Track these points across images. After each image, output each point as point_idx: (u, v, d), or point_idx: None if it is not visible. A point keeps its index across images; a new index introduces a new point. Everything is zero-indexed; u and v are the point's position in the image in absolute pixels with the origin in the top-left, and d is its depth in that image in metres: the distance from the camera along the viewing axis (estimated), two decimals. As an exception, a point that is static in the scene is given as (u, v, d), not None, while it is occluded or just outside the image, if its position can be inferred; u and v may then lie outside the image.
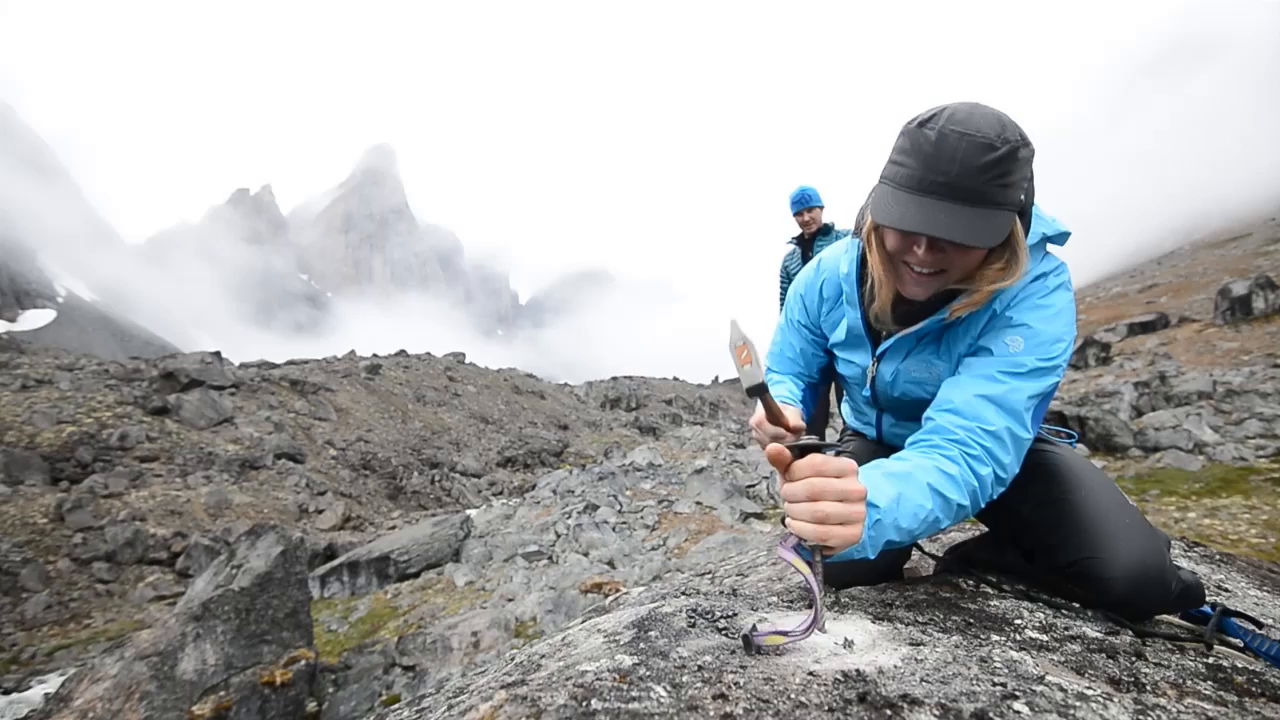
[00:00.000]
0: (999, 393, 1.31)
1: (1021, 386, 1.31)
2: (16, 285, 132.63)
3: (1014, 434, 1.30)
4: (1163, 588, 1.30)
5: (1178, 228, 61.12)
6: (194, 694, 4.86)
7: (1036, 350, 1.33)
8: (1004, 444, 1.29)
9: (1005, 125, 1.19)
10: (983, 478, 1.27)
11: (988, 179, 1.18)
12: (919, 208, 1.23)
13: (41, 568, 12.48)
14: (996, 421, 1.29)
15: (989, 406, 1.30)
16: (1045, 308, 1.37)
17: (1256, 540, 5.44)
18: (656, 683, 0.89)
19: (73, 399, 19.16)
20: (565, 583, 7.69)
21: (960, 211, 1.21)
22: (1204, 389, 11.99)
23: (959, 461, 1.26)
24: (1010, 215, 1.23)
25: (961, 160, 1.18)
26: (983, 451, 1.27)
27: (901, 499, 1.17)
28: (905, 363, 1.55)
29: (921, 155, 1.22)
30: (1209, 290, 24.34)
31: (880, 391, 1.66)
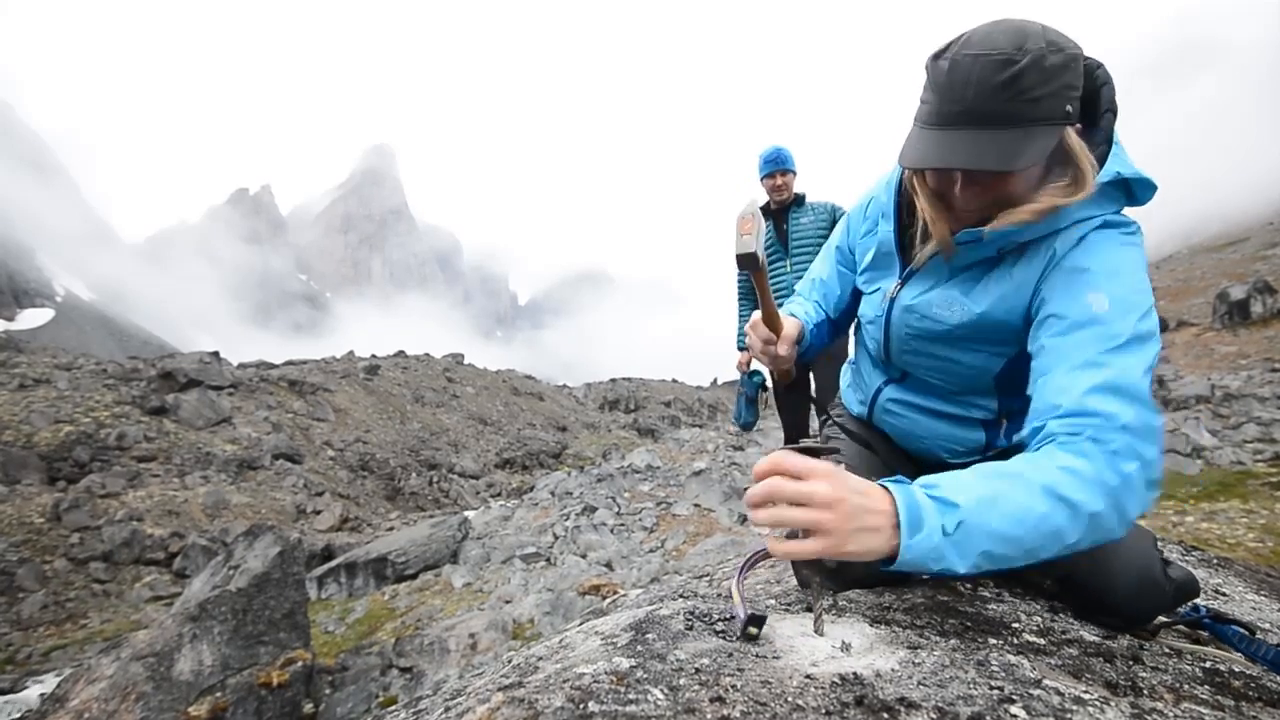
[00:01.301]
0: (1111, 378, 1.06)
1: (1131, 364, 1.07)
2: (15, 284, 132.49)
3: (1148, 424, 1.05)
4: (1158, 589, 1.28)
5: (1175, 231, 61.23)
6: (190, 695, 4.85)
7: (1128, 310, 1.11)
8: (1144, 438, 1.03)
9: (1028, 35, 1.07)
10: (1128, 476, 1.01)
11: (1009, 96, 1.07)
12: (938, 142, 1.14)
13: (38, 568, 12.46)
14: (1125, 413, 1.03)
15: (1108, 398, 1.05)
16: (1123, 257, 1.16)
17: (1254, 544, 5.44)
18: (654, 685, 0.89)
19: (70, 398, 19.14)
20: (563, 585, 7.68)
21: (984, 136, 1.10)
22: (1202, 393, 12.01)
23: (1092, 456, 1.01)
24: (1051, 130, 1.10)
25: (976, 83, 1.08)
26: (1124, 446, 1.02)
27: (1000, 498, 0.97)
28: (932, 293, 1.37)
29: (938, 87, 1.14)
30: (1207, 294, 24.39)
31: (893, 325, 1.46)
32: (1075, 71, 1.11)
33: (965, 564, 0.95)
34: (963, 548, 0.95)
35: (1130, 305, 1.12)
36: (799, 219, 4.10)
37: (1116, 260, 1.15)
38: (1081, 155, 1.15)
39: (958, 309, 1.32)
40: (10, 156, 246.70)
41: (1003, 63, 1.06)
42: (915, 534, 0.93)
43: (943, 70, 1.13)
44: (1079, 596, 1.35)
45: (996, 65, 1.07)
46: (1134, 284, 1.14)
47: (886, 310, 1.47)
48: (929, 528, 0.94)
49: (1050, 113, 1.09)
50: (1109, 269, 1.15)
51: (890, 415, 1.61)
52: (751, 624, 1.08)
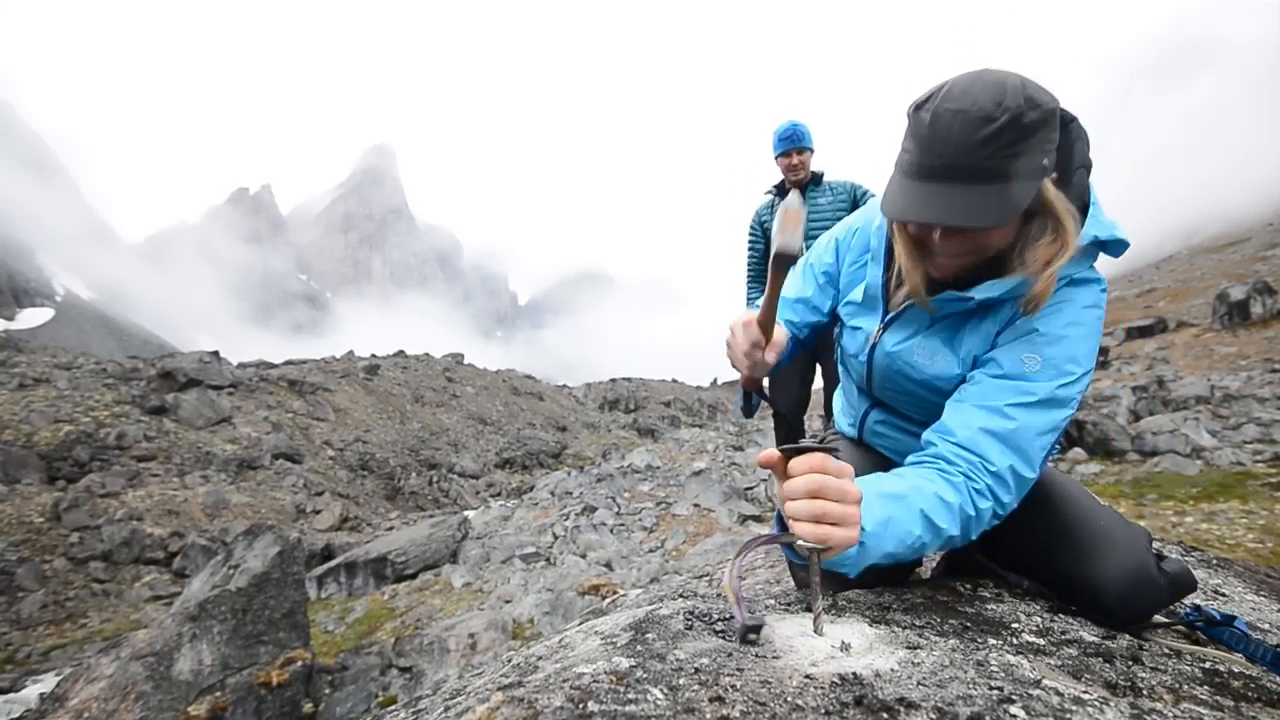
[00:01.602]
0: (1006, 429, 1.21)
1: (1030, 423, 1.21)
2: (15, 284, 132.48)
3: (1017, 473, 1.22)
4: (1153, 587, 1.29)
5: (1176, 232, 61.27)
6: (190, 694, 4.85)
7: (1053, 376, 1.23)
8: (1006, 484, 1.22)
9: (1007, 91, 1.10)
10: (981, 511, 1.20)
11: (989, 154, 1.10)
12: (920, 195, 1.17)
13: (38, 567, 12.46)
14: (1000, 461, 1.21)
15: (994, 444, 1.21)
16: (1077, 324, 1.25)
17: (1254, 545, 5.44)
18: (653, 685, 0.89)
19: (70, 398, 19.14)
20: (563, 585, 7.68)
21: (964, 192, 1.14)
22: (1202, 393, 12.00)
23: (961, 490, 1.19)
24: (1026, 184, 1.14)
25: (956, 140, 1.11)
26: (985, 487, 1.21)
27: (891, 522, 1.12)
28: (913, 340, 1.43)
29: (919, 139, 1.17)
30: (1207, 295, 24.40)
31: (875, 366, 1.54)
32: (1052, 125, 1.15)
33: (855, 572, 1.12)
34: (860, 560, 1.10)
35: (1058, 370, 1.23)
36: (816, 199, 3.83)
37: (1066, 327, 1.25)
38: (1061, 209, 1.20)
39: (939, 359, 1.39)
40: (10, 156, 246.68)
41: (982, 120, 1.10)
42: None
43: (924, 123, 1.15)
44: (1073, 597, 1.36)
45: (976, 122, 1.10)
46: (1072, 352, 1.24)
47: (869, 354, 1.54)
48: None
49: (1027, 168, 1.13)
50: (1055, 335, 1.25)
51: (879, 437, 1.70)
52: (750, 632, 1.09)
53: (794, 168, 3.83)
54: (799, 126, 3.83)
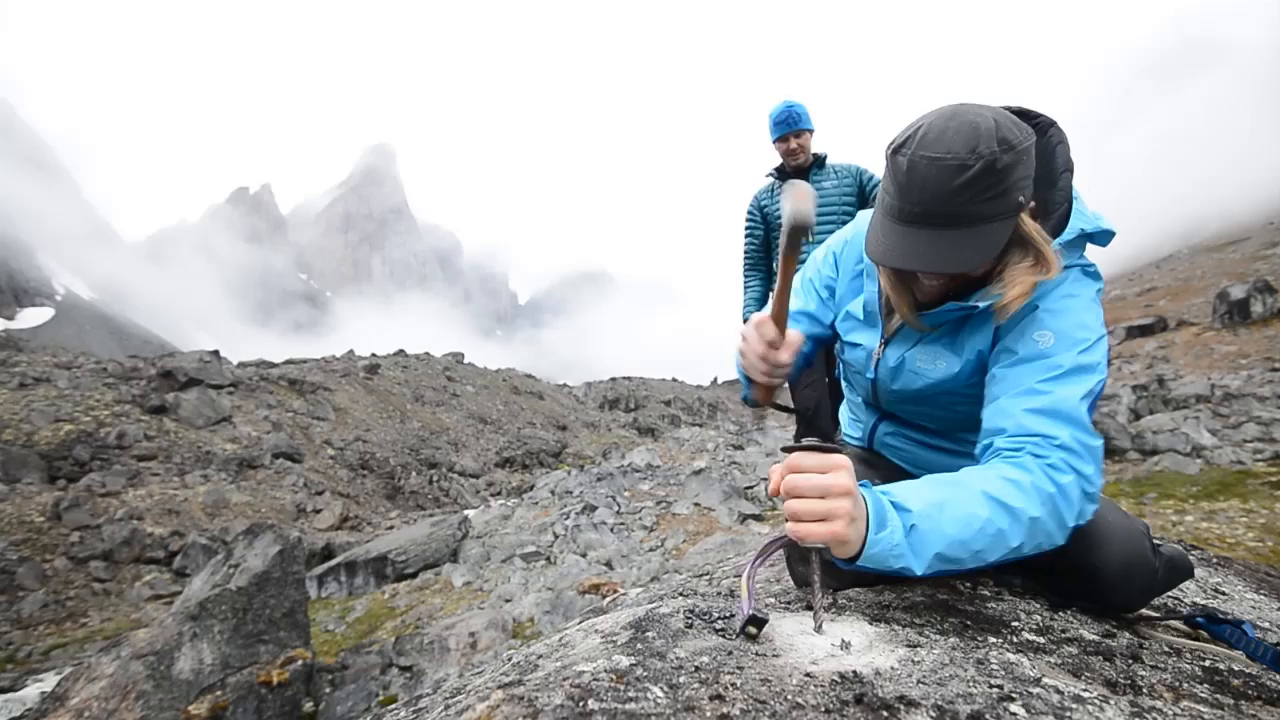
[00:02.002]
0: (1049, 404, 1.18)
1: (1069, 391, 1.18)
2: (15, 283, 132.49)
3: (1085, 443, 1.16)
4: (1149, 570, 1.30)
5: (1176, 231, 61.24)
6: (190, 693, 4.85)
7: (1070, 345, 1.22)
8: (1079, 454, 1.15)
9: (981, 136, 1.12)
10: (1064, 486, 1.11)
11: (965, 200, 1.14)
12: (901, 239, 1.21)
13: (38, 566, 12.46)
14: (1060, 433, 1.15)
15: (1045, 420, 1.17)
16: (1073, 296, 1.26)
17: (1254, 544, 5.45)
18: (653, 683, 0.89)
19: (70, 397, 19.13)
20: (563, 584, 7.68)
21: (943, 237, 1.17)
22: (1202, 392, 12.00)
23: (1030, 468, 1.13)
24: (1003, 224, 1.18)
25: (933, 188, 1.14)
26: (1060, 460, 1.13)
27: (947, 504, 1.07)
28: (914, 350, 1.45)
29: (898, 185, 1.20)
30: (1207, 294, 24.39)
31: (881, 380, 1.54)
32: (1026, 163, 1.18)
33: (921, 564, 1.06)
34: (918, 549, 1.05)
35: (1073, 340, 1.22)
36: (820, 183, 3.58)
37: (1066, 300, 1.26)
38: (1038, 238, 1.23)
39: (941, 363, 1.40)
40: (11, 156, 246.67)
41: (956, 168, 1.12)
42: (880, 530, 1.05)
43: (902, 169, 1.19)
44: (1069, 583, 1.36)
45: (951, 171, 1.13)
46: (1079, 320, 1.24)
47: (874, 370, 1.55)
48: (891, 527, 1.05)
49: (1003, 209, 1.16)
50: (1057, 308, 1.25)
51: (890, 449, 1.69)
52: (751, 624, 1.09)
53: (793, 152, 3.58)
54: (794, 107, 3.55)
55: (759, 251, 3.79)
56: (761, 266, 3.76)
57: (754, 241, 3.80)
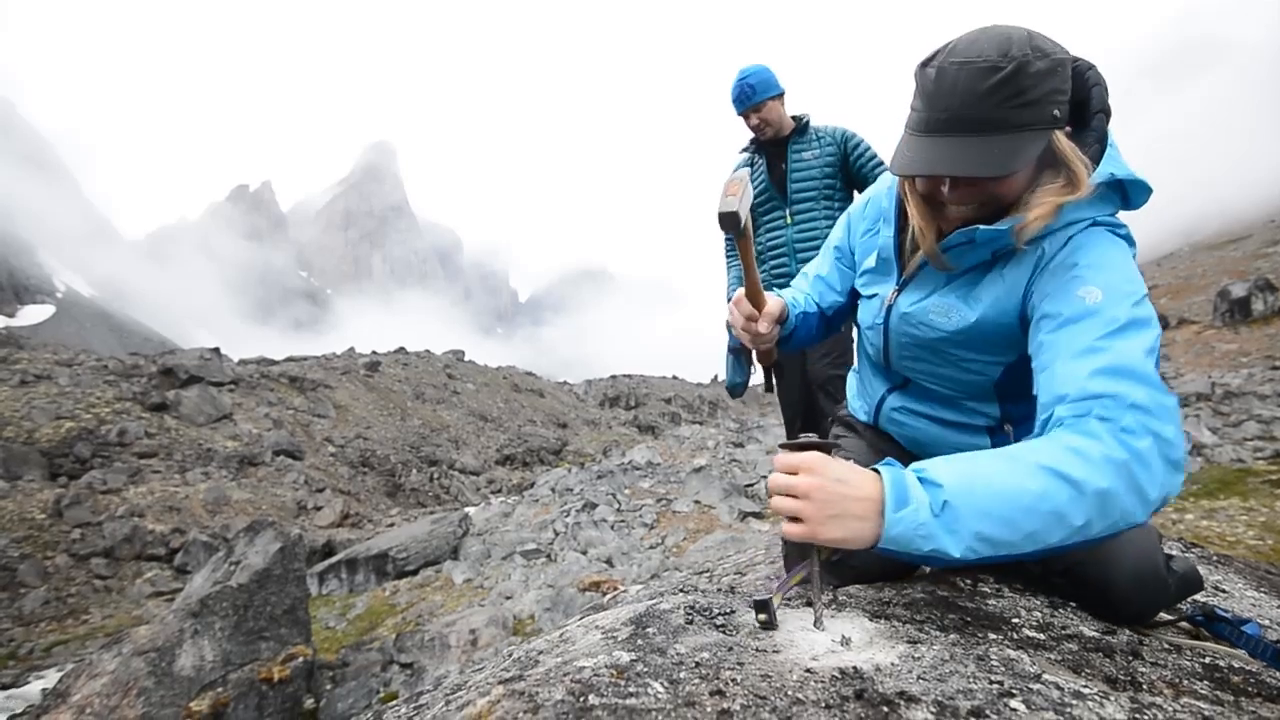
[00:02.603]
0: (1113, 360, 1.04)
1: (1131, 346, 1.05)
2: (15, 280, 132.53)
3: (1159, 401, 1.01)
4: (1161, 584, 1.28)
5: (1177, 229, 61.12)
6: (192, 690, 4.86)
7: (1122, 298, 1.10)
8: (1156, 414, 0.99)
9: (1013, 41, 1.09)
10: (1141, 452, 0.96)
11: (995, 103, 1.09)
12: (926, 149, 1.16)
13: (39, 563, 12.48)
14: (1134, 391, 1.00)
15: (1114, 380, 1.02)
16: (1110, 251, 1.16)
17: (1254, 542, 5.45)
18: (654, 679, 0.90)
19: (71, 395, 19.14)
20: (563, 581, 7.69)
21: (970, 143, 1.12)
22: (1202, 390, 11.99)
23: (1098, 434, 0.98)
24: (1038, 134, 1.12)
25: (962, 91, 1.10)
26: (1134, 423, 0.98)
27: (990, 477, 0.96)
28: (929, 299, 1.38)
29: (925, 95, 1.16)
30: (1208, 292, 24.36)
31: (893, 329, 1.47)
32: (1062, 76, 1.13)
33: (959, 546, 0.93)
34: (953, 528, 0.93)
35: (1123, 293, 1.11)
36: (800, 153, 3.19)
37: (1104, 255, 1.16)
38: (1073, 157, 1.16)
39: (955, 315, 1.33)
40: (11, 154, 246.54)
41: (988, 70, 1.08)
42: (900, 509, 0.94)
43: (930, 78, 1.15)
44: (1080, 591, 1.35)
45: (982, 72, 1.09)
46: (1124, 274, 1.14)
47: (885, 317, 1.49)
48: (915, 504, 0.94)
49: (1037, 118, 1.11)
50: (1097, 263, 1.15)
51: (895, 424, 1.63)
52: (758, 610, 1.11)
53: (758, 128, 3.18)
54: (747, 79, 3.10)
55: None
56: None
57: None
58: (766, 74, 3.10)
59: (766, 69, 3.11)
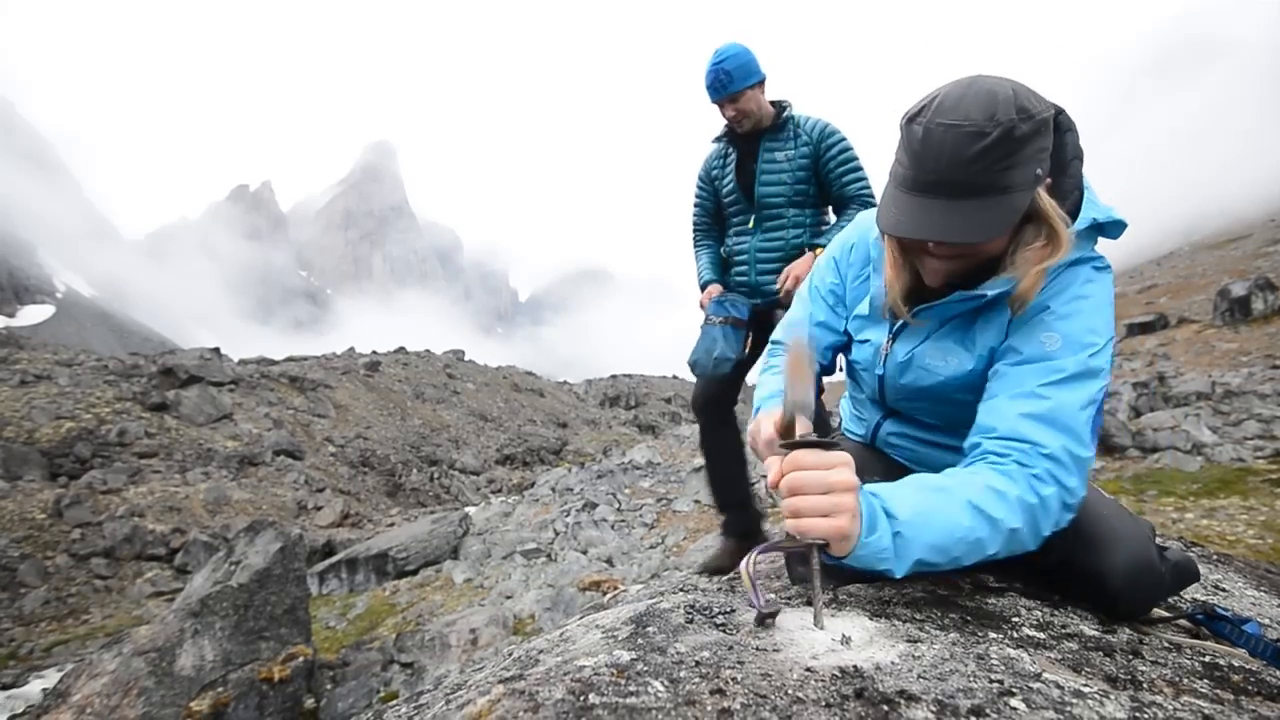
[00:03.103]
0: (1045, 409, 1.17)
1: (1068, 398, 1.17)
2: (15, 280, 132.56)
3: (1073, 454, 1.16)
4: (1155, 576, 1.29)
5: (1177, 228, 61.12)
6: (192, 690, 4.86)
7: (1076, 349, 1.20)
8: (1065, 466, 1.15)
9: (999, 104, 1.10)
10: (1045, 499, 1.13)
11: (981, 168, 1.11)
12: (914, 210, 1.18)
13: (39, 563, 12.48)
14: (1051, 442, 1.15)
15: (1038, 427, 1.16)
16: (1083, 298, 1.23)
17: (1254, 541, 5.45)
18: (654, 678, 0.90)
19: (71, 395, 19.14)
20: (564, 580, 7.69)
21: (958, 207, 1.14)
22: (1202, 390, 11.99)
23: (1015, 478, 1.14)
24: (1021, 196, 1.14)
25: (949, 155, 1.11)
26: (1044, 472, 1.14)
27: (932, 512, 1.10)
28: (923, 345, 1.42)
29: (912, 154, 1.17)
30: (1208, 291, 24.35)
31: (889, 376, 1.51)
32: (1045, 134, 1.15)
33: (902, 568, 1.09)
34: (902, 554, 1.08)
35: (1080, 344, 1.20)
36: (773, 152, 2.85)
37: (1076, 299, 1.23)
38: (1054, 215, 1.19)
39: (952, 359, 1.37)
40: (12, 153, 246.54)
41: (974, 135, 1.09)
42: (870, 534, 1.07)
43: (916, 137, 1.16)
44: (1073, 586, 1.35)
45: (968, 138, 1.10)
46: (1088, 323, 1.22)
47: (882, 365, 1.51)
48: (881, 531, 1.07)
49: (1021, 180, 1.13)
50: (1067, 310, 1.23)
51: (892, 448, 1.67)
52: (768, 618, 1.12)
53: (735, 119, 2.82)
54: (723, 64, 2.73)
55: (707, 220, 3.20)
56: (712, 233, 3.20)
57: (702, 211, 3.21)
58: (745, 57, 2.75)
59: (745, 50, 2.77)
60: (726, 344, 2.71)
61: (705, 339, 2.77)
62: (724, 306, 2.79)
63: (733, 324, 2.76)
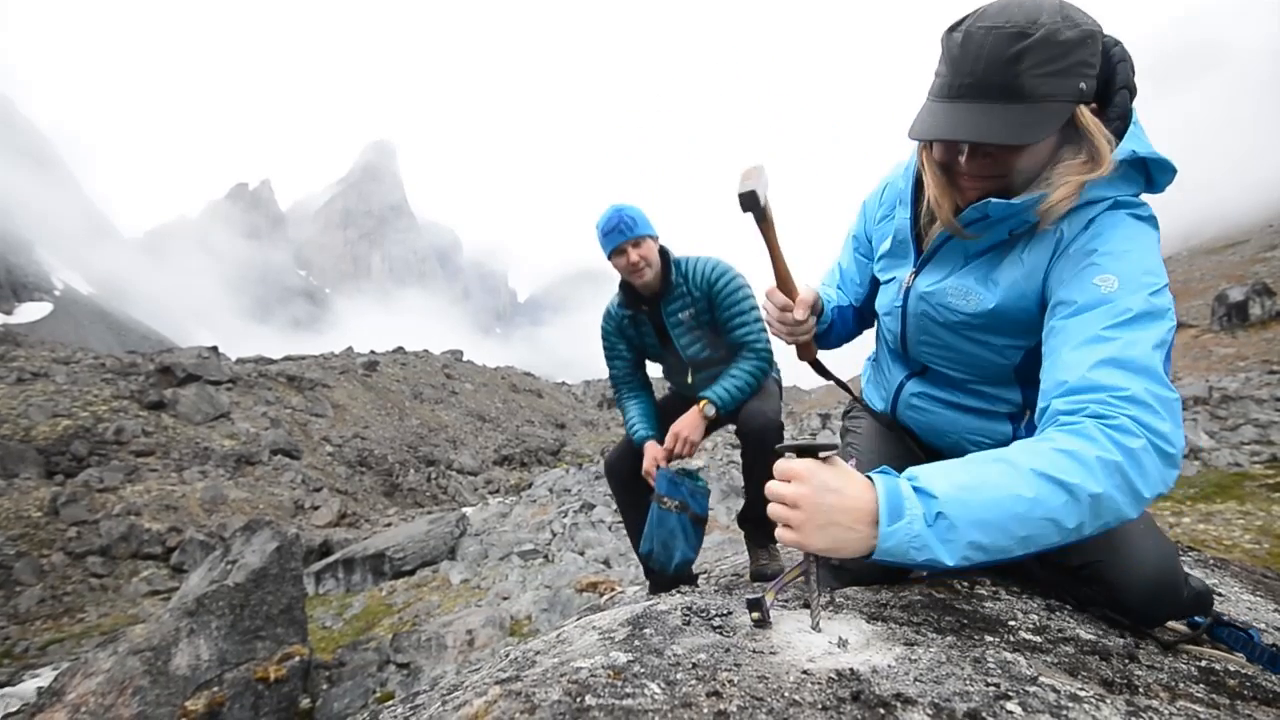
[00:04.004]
0: (1118, 352, 1.03)
1: (1140, 337, 1.04)
2: (13, 278, 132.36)
3: (1160, 396, 1.00)
4: (1176, 593, 1.27)
5: (1175, 233, 61.25)
6: (187, 689, 4.85)
7: (1138, 288, 1.08)
8: (1154, 409, 0.99)
9: (1044, 9, 1.06)
10: (1135, 452, 0.95)
11: (1020, 70, 1.06)
12: (947, 114, 1.13)
13: (35, 561, 12.45)
14: (1131, 385, 1.00)
15: (1115, 371, 1.02)
16: (1133, 238, 1.14)
17: (1250, 546, 5.45)
18: (651, 680, 0.90)
19: (68, 392, 19.11)
20: (561, 581, 7.68)
21: (993, 110, 1.09)
22: (1200, 395, 12.02)
23: (1091, 436, 0.97)
24: (1061, 106, 1.08)
25: (988, 56, 1.07)
26: (1129, 420, 0.98)
27: (983, 486, 0.95)
28: (947, 280, 1.36)
29: (951, 59, 1.12)
30: (1206, 296, 24.41)
31: (910, 315, 1.45)
32: (1091, 49, 1.09)
33: (953, 555, 0.93)
34: (948, 538, 0.92)
35: (1139, 283, 1.09)
36: (676, 314, 2.68)
37: (1125, 241, 1.14)
38: (1096, 133, 1.13)
39: (974, 298, 1.31)
40: (10, 150, 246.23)
41: (1015, 35, 1.05)
42: (894, 522, 0.93)
43: (956, 42, 1.11)
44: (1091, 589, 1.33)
45: (1009, 38, 1.06)
46: (1143, 263, 1.11)
47: (903, 300, 1.46)
48: (910, 516, 0.93)
49: (1062, 90, 1.08)
50: (1117, 250, 1.13)
51: (913, 410, 1.60)
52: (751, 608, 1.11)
53: (634, 267, 2.61)
54: (624, 210, 2.63)
55: (630, 370, 2.92)
56: (636, 381, 2.92)
57: (624, 364, 2.93)
58: (641, 213, 2.66)
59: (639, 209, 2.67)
60: (687, 543, 2.46)
61: (662, 529, 2.46)
62: (680, 490, 2.46)
63: (692, 519, 2.48)
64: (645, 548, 2.48)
